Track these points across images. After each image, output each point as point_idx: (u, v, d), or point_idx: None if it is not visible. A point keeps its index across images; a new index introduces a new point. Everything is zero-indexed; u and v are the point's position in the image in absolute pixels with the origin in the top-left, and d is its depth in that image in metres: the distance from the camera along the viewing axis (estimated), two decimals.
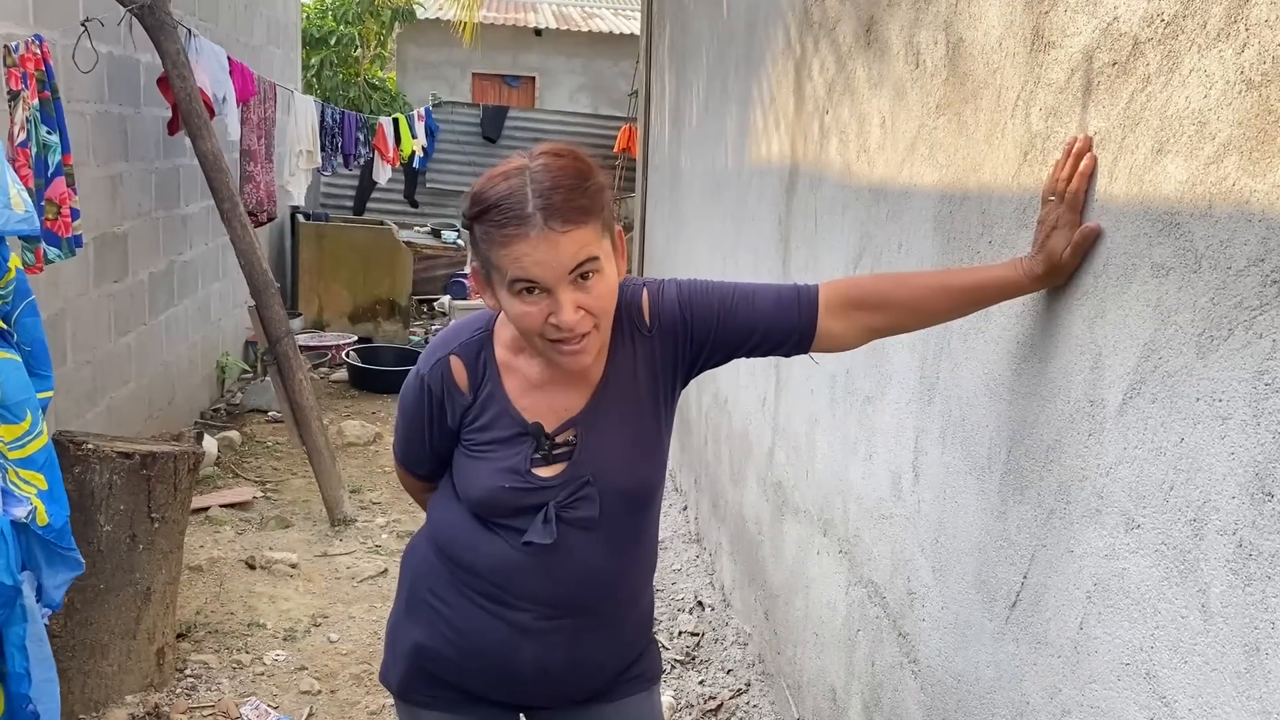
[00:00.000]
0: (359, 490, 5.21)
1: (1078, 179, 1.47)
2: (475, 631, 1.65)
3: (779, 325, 1.61)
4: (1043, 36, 1.61)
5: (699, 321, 1.62)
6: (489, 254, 1.46)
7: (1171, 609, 1.26)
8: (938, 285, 1.60)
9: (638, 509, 1.67)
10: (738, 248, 3.79)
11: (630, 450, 1.63)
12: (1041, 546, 1.57)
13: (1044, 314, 1.59)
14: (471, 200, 1.46)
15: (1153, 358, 1.31)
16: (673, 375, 1.66)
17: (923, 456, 2.03)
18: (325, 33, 13.20)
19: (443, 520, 1.71)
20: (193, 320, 5.99)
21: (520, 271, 1.42)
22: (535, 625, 1.63)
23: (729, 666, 3.42)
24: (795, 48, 3.05)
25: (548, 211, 1.39)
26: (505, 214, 1.41)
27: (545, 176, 1.42)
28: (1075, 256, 1.48)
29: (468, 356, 1.63)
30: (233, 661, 3.46)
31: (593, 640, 1.68)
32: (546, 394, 1.61)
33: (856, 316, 1.61)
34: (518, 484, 1.58)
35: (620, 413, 1.62)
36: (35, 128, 3.22)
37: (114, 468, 3.01)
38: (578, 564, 1.62)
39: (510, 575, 1.61)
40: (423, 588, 1.72)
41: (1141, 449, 1.33)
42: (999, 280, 1.55)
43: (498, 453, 1.60)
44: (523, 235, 1.40)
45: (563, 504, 1.59)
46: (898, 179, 2.21)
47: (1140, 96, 1.35)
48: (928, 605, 2.00)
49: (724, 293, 1.64)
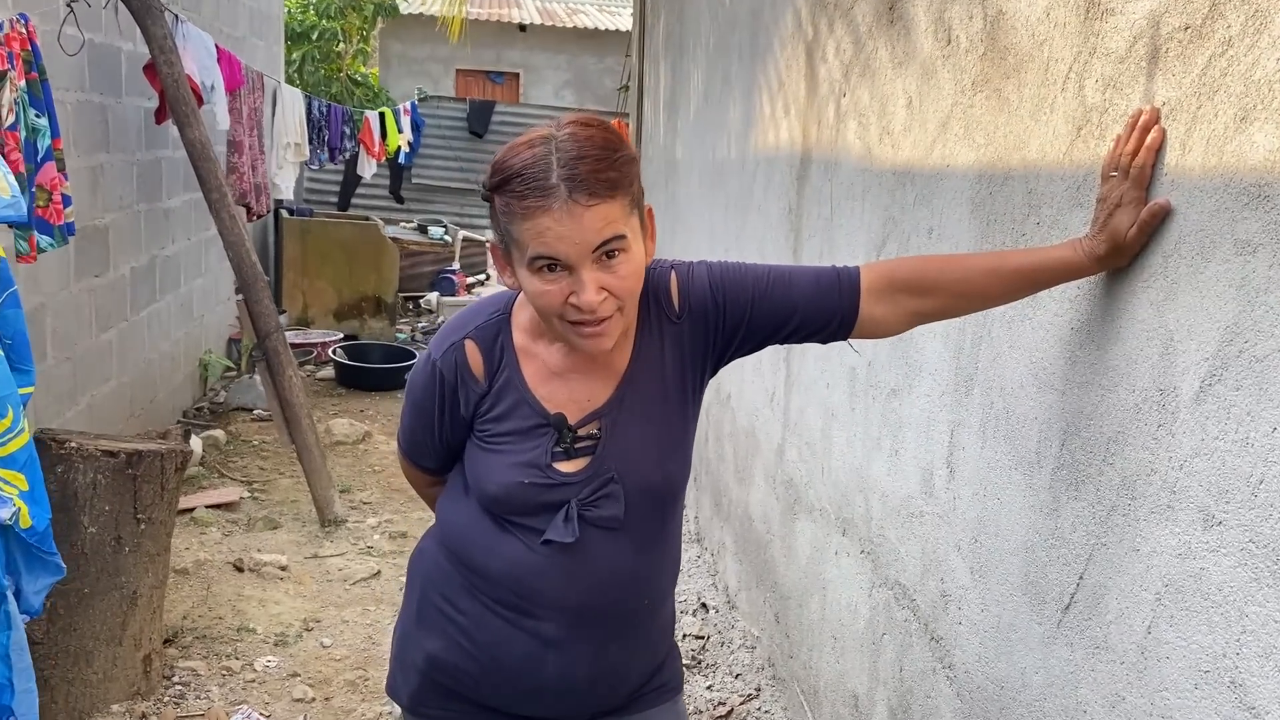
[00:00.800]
0: (349, 490, 5.09)
1: (1144, 153, 1.37)
2: (494, 644, 1.53)
3: (819, 309, 1.50)
4: (1099, 4, 1.51)
5: (732, 305, 1.51)
6: (509, 227, 1.35)
7: (1262, 612, 1.17)
8: (989, 267, 1.49)
9: (663, 508, 1.56)
10: (742, 238, 3.69)
11: (657, 446, 1.52)
12: (1101, 545, 1.48)
13: (1102, 298, 1.50)
14: (492, 170, 1.36)
15: (1237, 341, 1.22)
16: (702, 364, 1.55)
17: (959, 451, 1.93)
18: (307, 27, 13.06)
19: (453, 520, 1.59)
20: (175, 317, 5.85)
21: (542, 247, 1.32)
22: (560, 636, 1.51)
23: (737, 671, 3.32)
24: (807, 30, 2.95)
25: (573, 183, 1.29)
26: (527, 184, 1.30)
27: (572, 146, 1.31)
28: (1142, 235, 1.38)
29: (484, 341, 1.51)
30: (222, 668, 3.34)
31: (619, 650, 1.57)
32: (568, 383, 1.50)
33: (901, 300, 1.50)
34: (537, 479, 1.47)
35: (647, 405, 1.51)
36: (24, 110, 3.08)
37: (98, 467, 2.88)
38: (601, 567, 1.50)
39: (528, 580, 1.49)
40: (434, 595, 1.60)
41: (1224, 440, 1.23)
42: (1058, 261, 1.44)
43: (515, 445, 1.49)
44: (545, 208, 1.30)
45: (585, 502, 1.48)
46: (927, 161, 2.11)
47: (1219, 61, 1.26)
48: (965, 608, 1.90)
49: (759, 274, 1.53)
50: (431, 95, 13.47)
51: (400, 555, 4.36)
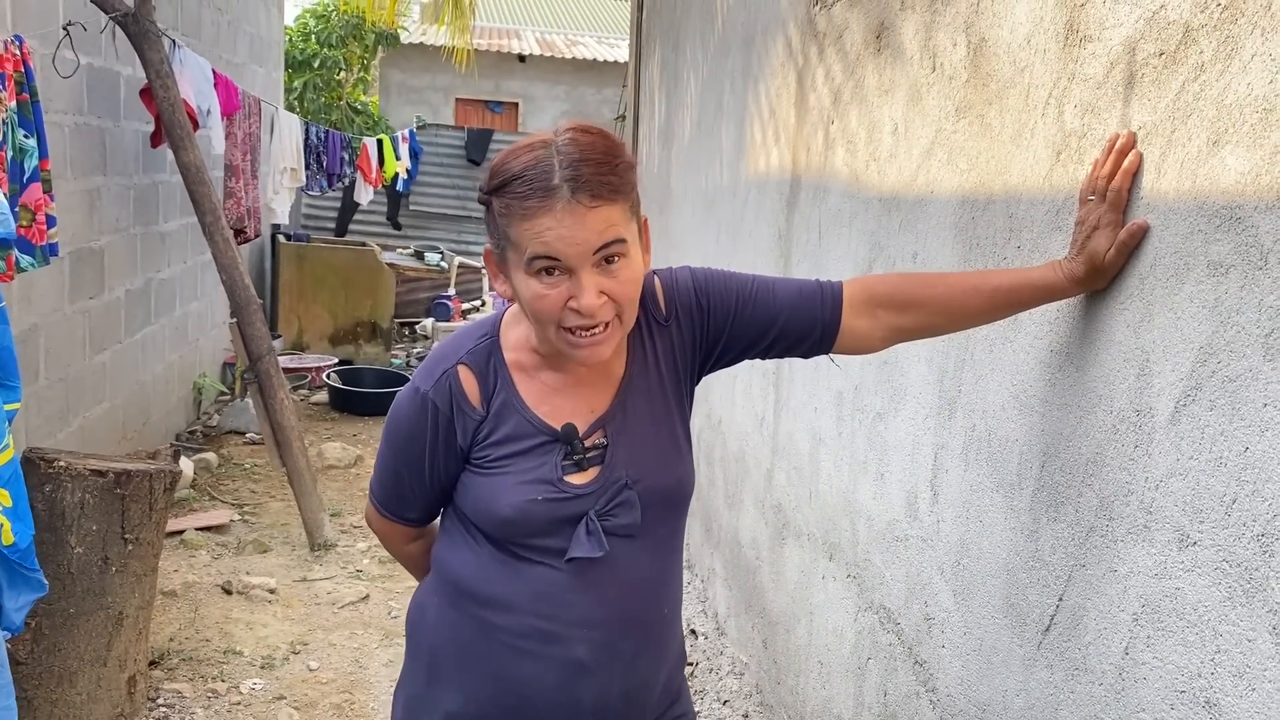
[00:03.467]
0: (339, 514, 5.07)
1: (1121, 176, 1.38)
2: (524, 682, 1.46)
3: (800, 319, 1.49)
4: (1078, 31, 1.54)
5: (716, 309, 1.51)
6: (508, 229, 1.33)
7: (1236, 632, 1.17)
8: (970, 285, 1.49)
9: (675, 511, 1.54)
10: (733, 264, 3.70)
11: (663, 448, 1.50)
12: (1080, 566, 1.48)
13: (1080, 320, 1.51)
14: (491, 172, 1.35)
15: (1210, 362, 1.23)
16: (690, 367, 1.54)
17: (942, 474, 1.94)
18: (308, 55, 13.15)
19: (461, 565, 1.50)
20: (170, 340, 5.85)
21: (542, 247, 1.30)
22: (593, 657, 1.46)
23: (725, 697, 3.30)
24: (798, 58, 2.98)
25: (575, 184, 1.28)
26: (529, 185, 1.29)
27: (573, 149, 1.31)
28: (1120, 257, 1.39)
29: (477, 365, 1.46)
30: (208, 690, 3.32)
31: (647, 664, 1.53)
32: (568, 397, 1.47)
33: (882, 315, 1.50)
34: (551, 494, 1.42)
35: (647, 409, 1.50)
36: (12, 131, 3.10)
37: (86, 486, 2.88)
38: (626, 576, 1.47)
39: (557, 600, 1.44)
40: (447, 651, 1.51)
41: (1198, 460, 1.24)
42: (1039, 281, 1.45)
43: (520, 464, 1.43)
44: (547, 208, 1.29)
45: (602, 512, 1.44)
46: (912, 186, 2.13)
47: (1193, 86, 1.28)
48: (948, 631, 1.90)
49: (743, 281, 1.53)
50: (430, 123, 13.54)
51: (389, 580, 4.35)
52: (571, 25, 20.18)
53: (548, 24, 19.97)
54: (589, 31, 19.67)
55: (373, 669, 3.56)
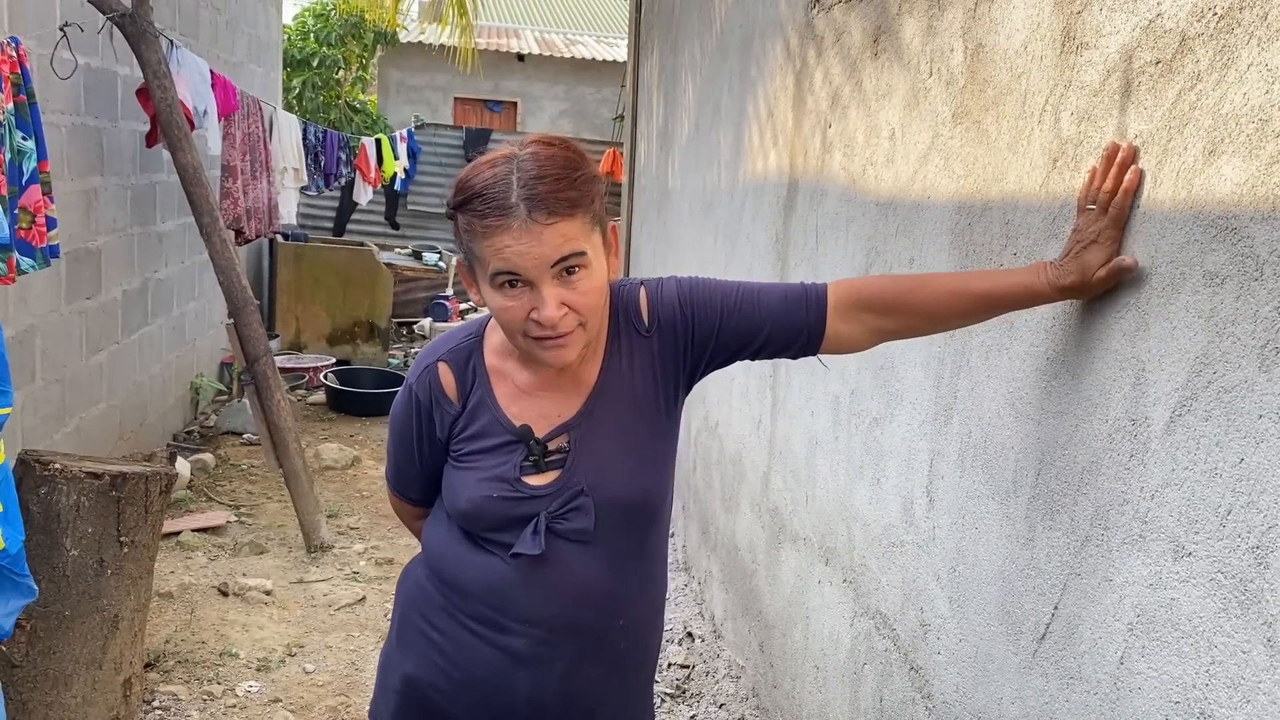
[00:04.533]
0: (336, 515, 5.07)
1: (1122, 195, 1.37)
2: (468, 662, 1.54)
3: (786, 324, 1.52)
4: (1075, 38, 1.53)
5: (701, 319, 1.53)
6: (471, 245, 1.39)
7: (1230, 643, 1.17)
8: (952, 289, 1.50)
9: (638, 524, 1.56)
10: (730, 266, 3.70)
11: (628, 459, 1.53)
12: (1075, 575, 1.48)
13: (1077, 329, 1.50)
14: (456, 188, 1.40)
15: (1206, 372, 1.23)
16: (675, 379, 1.56)
17: (938, 481, 1.94)
18: (307, 54, 13.12)
19: (434, 541, 1.61)
20: (167, 340, 5.84)
21: (501, 263, 1.35)
22: (530, 652, 1.52)
23: (721, 700, 3.30)
24: (795, 61, 2.98)
25: (531, 202, 1.33)
26: (488, 203, 1.34)
27: (532, 165, 1.35)
28: (1111, 279, 1.39)
29: (456, 363, 1.55)
30: (203, 693, 3.31)
31: (593, 673, 1.56)
32: (537, 400, 1.52)
33: (866, 318, 1.52)
34: (506, 493, 1.49)
35: (617, 419, 1.52)
36: (10, 133, 3.09)
37: (82, 488, 2.87)
38: (573, 581, 1.51)
39: (503, 593, 1.51)
40: (414, 615, 1.62)
41: (1193, 470, 1.24)
42: (1020, 287, 1.45)
43: (485, 461, 1.51)
44: (504, 226, 1.33)
45: (554, 514, 1.49)
46: (909, 191, 2.13)
47: (1189, 95, 1.27)
48: (944, 637, 1.90)
49: (727, 290, 1.55)
50: (428, 123, 13.53)
51: (386, 581, 4.34)
52: (571, 24, 20.16)
53: (547, 23, 19.96)
54: (588, 31, 19.66)
55: (369, 671, 3.56)
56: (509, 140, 1.46)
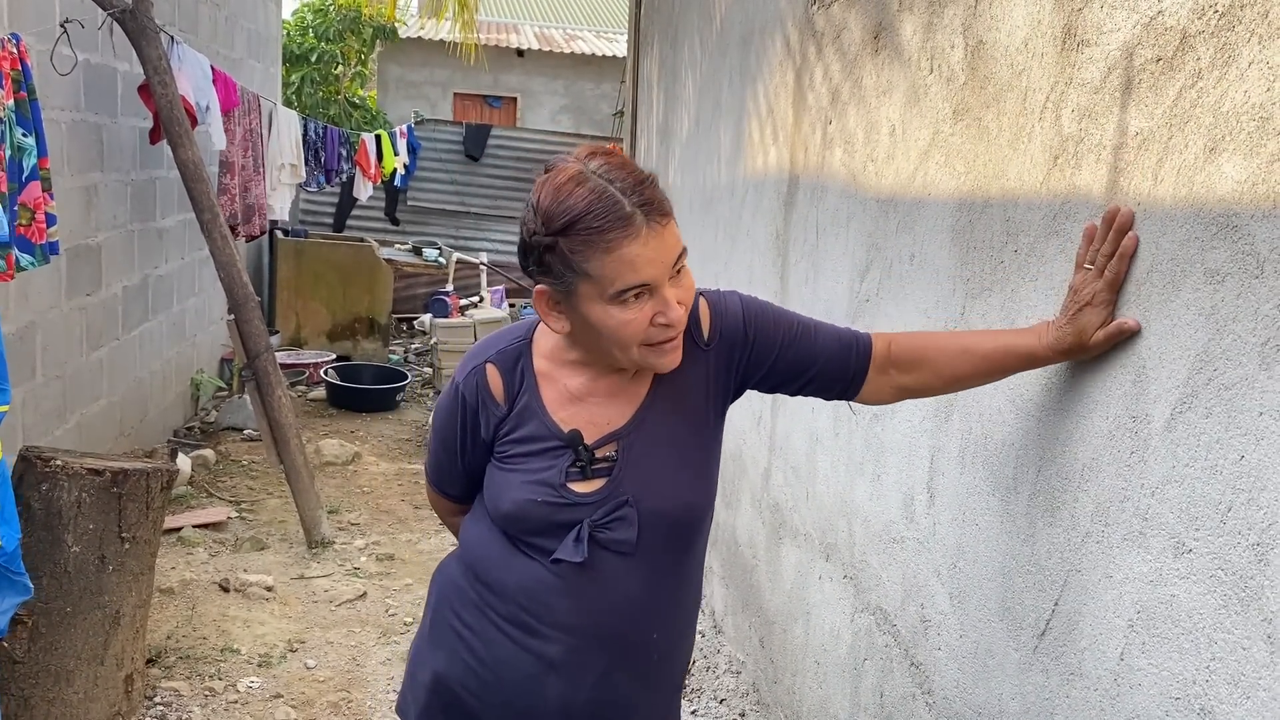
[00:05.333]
0: (337, 511, 5.07)
1: (1118, 260, 1.37)
2: (499, 662, 1.53)
3: (835, 366, 1.54)
4: (1075, 35, 1.53)
5: (762, 343, 1.54)
6: (584, 266, 1.34)
7: (1230, 639, 1.17)
8: (961, 346, 1.53)
9: (681, 538, 1.55)
10: (731, 263, 3.70)
11: (676, 472, 1.52)
12: (1075, 571, 1.48)
13: None
14: (546, 216, 1.34)
15: (1206, 370, 1.23)
16: (724, 394, 1.57)
17: (939, 477, 1.94)
18: (306, 50, 13.11)
19: (473, 538, 1.60)
20: (167, 336, 5.85)
21: (634, 275, 1.33)
22: (563, 659, 1.50)
23: (722, 696, 3.31)
24: (795, 57, 2.97)
25: (647, 208, 1.33)
26: (603, 218, 1.31)
27: (619, 175, 1.35)
28: (1107, 343, 1.40)
29: (504, 365, 1.54)
30: (205, 689, 3.32)
31: (623, 684, 1.54)
32: (588, 406, 1.51)
33: (893, 374, 1.55)
34: (551, 498, 1.47)
35: (668, 431, 1.52)
36: (10, 129, 3.09)
37: (83, 485, 2.87)
38: (612, 591, 1.50)
39: (539, 597, 1.49)
40: (447, 610, 1.61)
41: (1194, 467, 1.24)
42: (1021, 350, 1.47)
43: (531, 464, 1.50)
44: (631, 235, 1.32)
45: (598, 523, 1.47)
46: (910, 188, 2.13)
47: (1190, 93, 1.28)
48: (944, 633, 1.90)
49: (789, 321, 1.56)
50: (428, 118, 13.51)
51: (387, 577, 4.35)
52: (570, 20, 20.14)
53: (546, 18, 19.93)
54: (588, 26, 19.64)
55: (370, 667, 3.56)
56: (558, 159, 1.38)
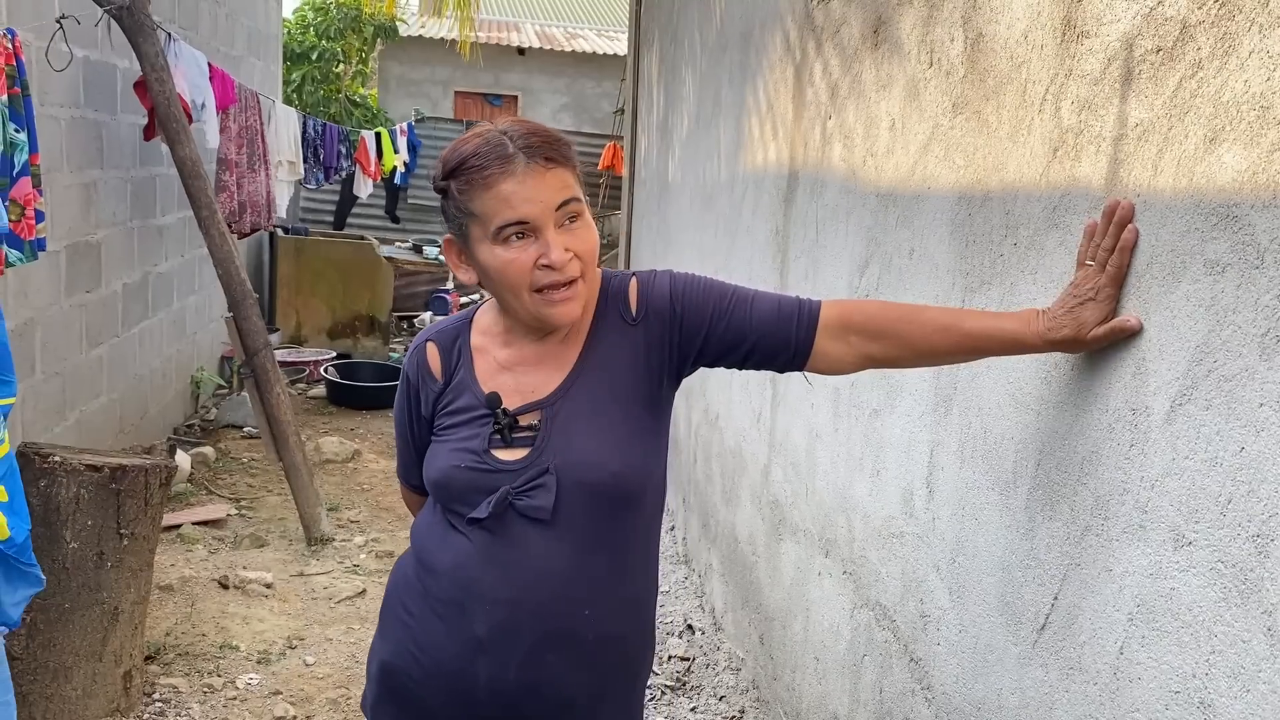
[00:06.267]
0: (336, 508, 5.07)
1: (1120, 253, 1.36)
2: (435, 646, 1.55)
3: (775, 336, 1.52)
4: (1075, 26, 1.53)
5: (690, 317, 1.54)
6: (469, 205, 1.43)
7: (1230, 632, 1.16)
8: (942, 324, 1.49)
9: (609, 509, 1.51)
10: (731, 259, 3.70)
11: (600, 442, 1.50)
12: (1075, 565, 1.48)
13: None
14: (443, 162, 1.46)
15: (1206, 361, 1.22)
16: (660, 372, 1.55)
17: (938, 472, 1.93)
18: (307, 48, 13.12)
19: (419, 526, 1.64)
20: (167, 333, 5.84)
21: (509, 211, 1.40)
22: (490, 637, 1.49)
23: (721, 693, 3.30)
24: (795, 53, 2.97)
25: (529, 150, 1.41)
26: (486, 158, 1.41)
27: (518, 129, 1.44)
28: (1107, 339, 1.38)
29: (443, 343, 1.60)
30: (204, 685, 3.31)
31: (555, 665, 1.51)
32: (515, 375, 1.54)
33: (855, 342, 1.52)
34: (474, 464, 1.50)
35: (594, 402, 1.52)
36: (3, 125, 3.09)
37: (82, 481, 2.87)
38: (536, 564, 1.49)
39: (467, 571, 1.51)
40: (395, 602, 1.64)
41: (1193, 460, 1.24)
42: (1008, 334, 1.44)
43: (460, 433, 1.54)
44: (508, 172, 1.40)
45: (518, 490, 1.48)
46: (909, 182, 2.12)
47: (1190, 83, 1.27)
48: (944, 628, 1.89)
49: (722, 292, 1.56)
50: (429, 117, 13.51)
51: (386, 574, 4.33)
52: (571, 18, 20.13)
53: (547, 17, 19.92)
54: (589, 24, 19.63)
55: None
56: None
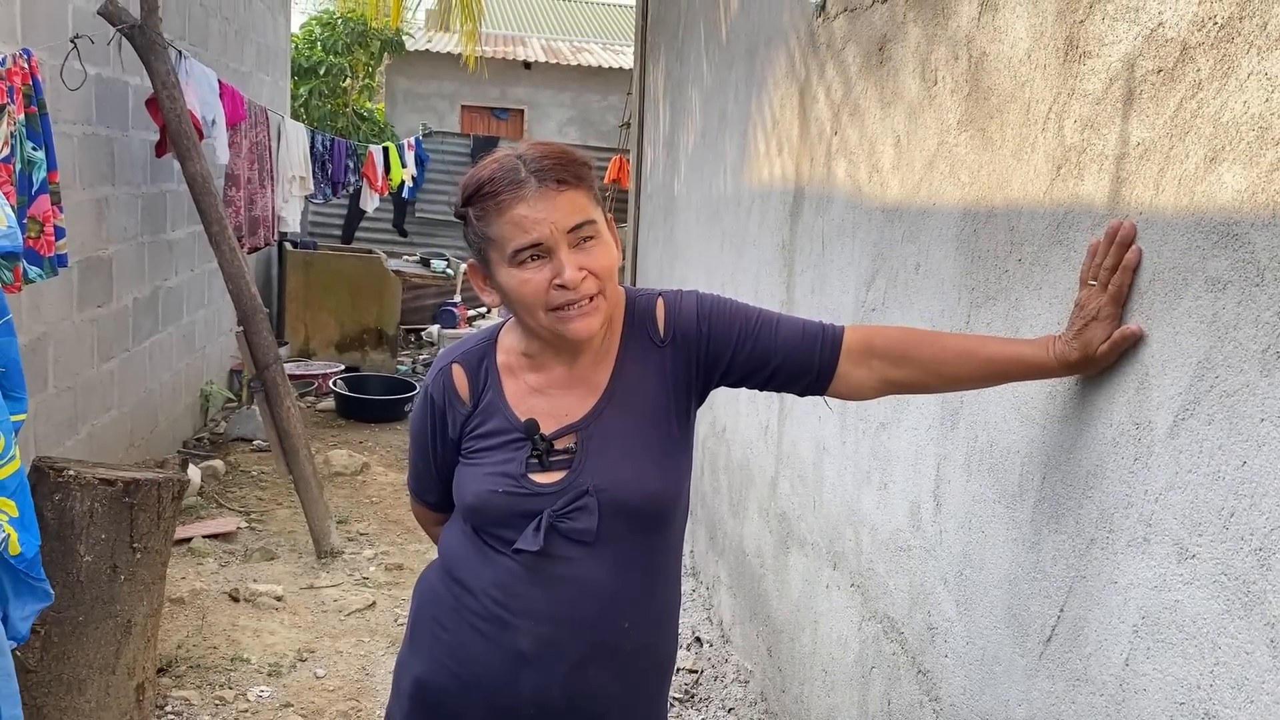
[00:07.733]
0: (346, 521, 5.09)
1: (1121, 273, 1.39)
2: (473, 660, 1.56)
3: (799, 359, 1.55)
4: (1078, 46, 1.55)
5: (717, 338, 1.56)
6: (486, 230, 1.46)
7: (1234, 644, 1.18)
8: (965, 350, 1.53)
9: (645, 528, 1.57)
10: (737, 273, 3.72)
11: (635, 462, 1.54)
12: (1080, 578, 1.49)
13: None
14: (462, 189, 1.49)
15: (1208, 377, 1.24)
16: (687, 392, 1.59)
17: (945, 485, 1.95)
18: (314, 63, 13.17)
19: (447, 541, 1.65)
20: (177, 347, 5.88)
21: (522, 235, 1.42)
22: (535, 651, 1.53)
23: (730, 705, 3.31)
24: (800, 70, 3.00)
25: (541, 174, 1.43)
26: (500, 184, 1.43)
27: (533, 153, 1.47)
28: (1113, 353, 1.40)
29: (469, 364, 1.60)
30: (215, 698, 3.33)
31: (597, 676, 1.56)
32: (548, 398, 1.56)
33: (877, 366, 1.55)
34: (512, 489, 1.52)
35: (626, 422, 1.55)
36: (20, 143, 3.13)
37: (95, 495, 2.90)
38: (577, 580, 1.53)
39: (510, 589, 1.53)
40: (426, 616, 1.65)
41: (1196, 474, 1.25)
42: (1029, 360, 1.47)
43: (494, 457, 1.55)
44: (520, 197, 1.42)
45: (559, 513, 1.51)
46: (915, 198, 2.15)
47: (1190, 104, 1.29)
48: (951, 641, 1.91)
49: (747, 314, 1.58)
50: (436, 130, 13.57)
51: (396, 587, 4.36)
52: (577, 32, 20.21)
53: (553, 31, 20.01)
54: (594, 38, 19.71)
55: (379, 676, 3.58)
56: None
